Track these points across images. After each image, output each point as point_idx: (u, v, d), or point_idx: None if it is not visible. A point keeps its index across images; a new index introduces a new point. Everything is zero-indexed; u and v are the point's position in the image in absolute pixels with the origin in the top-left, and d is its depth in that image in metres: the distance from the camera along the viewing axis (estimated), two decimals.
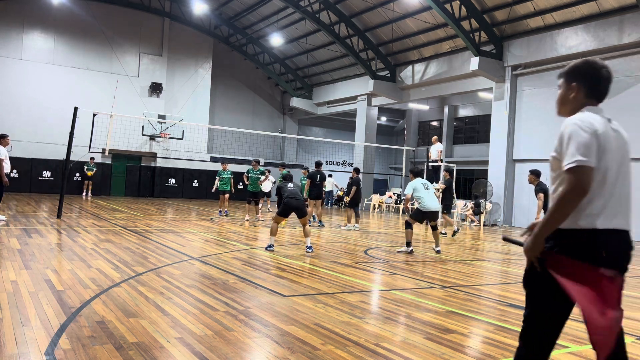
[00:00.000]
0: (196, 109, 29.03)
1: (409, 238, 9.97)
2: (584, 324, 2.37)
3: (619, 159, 2.51)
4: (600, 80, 2.58)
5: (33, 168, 24.77)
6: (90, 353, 3.56)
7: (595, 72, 2.58)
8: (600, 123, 2.48)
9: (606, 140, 2.45)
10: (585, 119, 2.46)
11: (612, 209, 2.47)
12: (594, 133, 2.40)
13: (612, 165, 2.47)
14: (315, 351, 3.87)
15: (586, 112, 2.53)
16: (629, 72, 17.00)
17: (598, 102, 2.61)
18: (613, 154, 2.48)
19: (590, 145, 2.38)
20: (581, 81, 2.59)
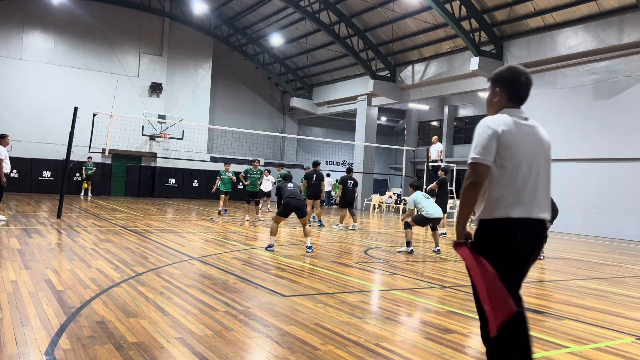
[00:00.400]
0: (196, 109, 29.03)
1: (408, 238, 9.98)
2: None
3: (531, 155, 2.82)
4: (520, 86, 2.94)
5: (33, 168, 24.77)
6: (90, 353, 3.56)
7: (515, 79, 2.94)
8: (511, 124, 2.81)
9: (514, 139, 2.78)
10: (494, 120, 2.83)
11: (525, 200, 2.78)
12: (494, 134, 2.76)
13: (523, 161, 2.79)
14: (315, 351, 3.87)
15: (501, 114, 2.89)
16: (629, 72, 17.00)
17: (519, 104, 2.96)
18: (524, 151, 2.80)
19: (488, 146, 2.76)
20: (503, 86, 2.95)
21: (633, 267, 10.13)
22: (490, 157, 2.76)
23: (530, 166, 2.82)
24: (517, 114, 2.91)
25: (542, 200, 2.86)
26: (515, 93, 2.95)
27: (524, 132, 2.85)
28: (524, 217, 2.78)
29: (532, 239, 2.83)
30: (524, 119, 2.92)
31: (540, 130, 2.95)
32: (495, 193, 2.81)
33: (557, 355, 4.07)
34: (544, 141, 2.94)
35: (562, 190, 18.39)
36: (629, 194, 16.91)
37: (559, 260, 10.36)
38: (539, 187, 2.85)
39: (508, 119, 2.85)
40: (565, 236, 17.06)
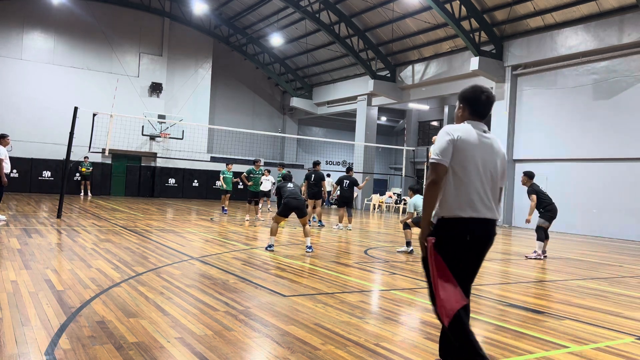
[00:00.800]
0: (196, 109, 29.03)
1: (408, 238, 9.99)
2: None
3: (484, 162, 3.21)
4: (480, 103, 3.33)
5: (33, 168, 24.77)
6: (90, 353, 3.56)
7: (477, 97, 3.33)
8: (468, 133, 3.21)
9: (468, 148, 3.16)
10: (453, 128, 3.23)
11: (477, 203, 3.14)
12: (451, 140, 3.15)
13: (475, 166, 3.17)
14: (315, 351, 3.87)
15: (462, 124, 3.31)
16: (629, 72, 17.00)
17: (481, 118, 3.35)
18: (477, 158, 3.18)
19: (446, 149, 3.14)
20: (466, 103, 3.37)
21: (633, 267, 10.13)
22: (448, 159, 3.14)
23: (482, 172, 3.19)
24: (478, 127, 3.31)
25: (491, 202, 3.23)
26: (476, 109, 3.35)
27: (480, 142, 3.23)
28: (474, 217, 3.14)
29: (481, 236, 3.19)
30: (483, 131, 3.31)
31: (496, 143, 3.36)
32: (449, 194, 3.16)
33: (557, 355, 4.07)
34: (498, 152, 3.33)
35: (562, 190, 18.41)
36: (629, 194, 16.91)
37: (559, 260, 10.36)
38: (488, 191, 3.21)
39: (467, 128, 3.25)
40: (565, 236, 17.07)
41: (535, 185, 10.50)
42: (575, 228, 18.27)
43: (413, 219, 10.08)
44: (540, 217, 10.47)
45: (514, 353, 4.08)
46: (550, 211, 10.42)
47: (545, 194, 10.55)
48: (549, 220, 10.44)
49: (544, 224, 10.40)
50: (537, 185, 10.56)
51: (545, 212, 10.41)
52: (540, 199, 10.39)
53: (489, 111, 3.38)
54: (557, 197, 14.41)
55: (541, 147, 19.57)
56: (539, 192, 10.45)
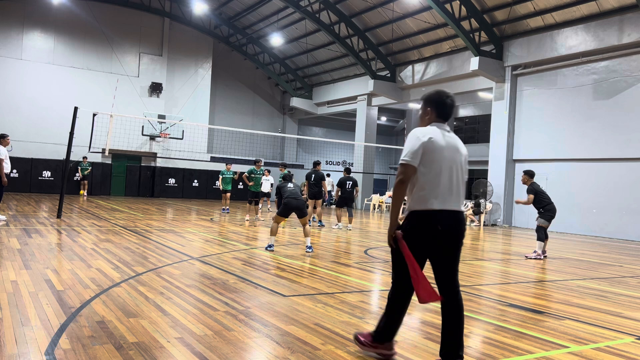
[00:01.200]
0: (196, 109, 29.02)
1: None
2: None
3: (450, 160, 3.53)
4: (445, 106, 3.66)
5: (33, 168, 24.77)
6: (90, 353, 3.56)
7: (442, 101, 3.66)
8: (436, 135, 3.52)
9: (436, 148, 3.48)
10: (422, 131, 3.54)
11: (445, 196, 3.48)
12: (421, 143, 3.46)
13: (443, 166, 3.50)
14: (315, 351, 3.87)
15: (429, 127, 3.61)
16: (629, 72, 17.01)
17: (445, 120, 3.68)
18: (444, 156, 3.50)
19: (415, 152, 3.45)
20: (432, 106, 3.68)
21: (633, 267, 10.13)
22: (417, 161, 3.46)
23: (448, 169, 3.53)
24: (442, 128, 3.63)
25: (458, 195, 3.57)
26: (442, 111, 3.67)
27: (446, 142, 3.55)
28: (443, 209, 3.47)
29: (451, 226, 3.51)
30: (447, 131, 3.64)
31: (459, 142, 3.68)
32: (420, 189, 3.49)
33: (557, 355, 4.07)
34: (461, 150, 3.66)
35: (562, 190, 18.41)
36: (629, 194, 16.92)
37: (559, 260, 10.36)
38: (454, 185, 3.55)
39: (435, 130, 3.57)
40: (565, 236, 17.07)
41: (535, 184, 10.50)
42: (575, 228, 18.27)
43: None
44: (540, 217, 10.46)
45: (514, 353, 4.08)
46: (550, 211, 10.42)
47: (545, 193, 10.55)
48: (548, 220, 10.43)
49: (543, 223, 10.40)
50: (537, 185, 10.55)
51: (544, 212, 10.40)
52: (540, 198, 10.39)
53: (452, 114, 3.75)
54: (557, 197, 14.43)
55: (541, 147, 19.57)
56: (539, 191, 10.45)
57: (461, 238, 3.58)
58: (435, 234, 3.46)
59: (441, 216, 3.47)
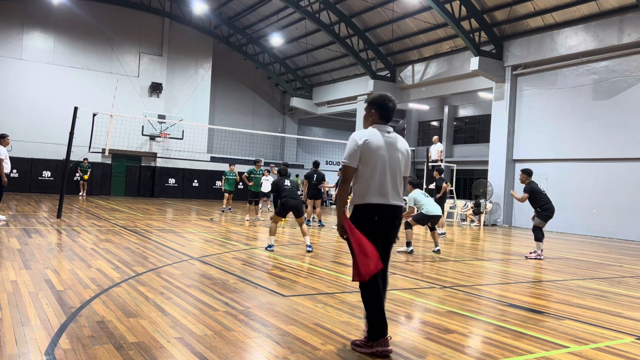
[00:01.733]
0: (196, 109, 29.02)
1: (409, 238, 9.99)
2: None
3: (389, 158, 3.90)
4: (387, 109, 4.02)
5: (33, 168, 24.77)
6: (90, 353, 3.56)
7: (385, 104, 4.02)
8: (374, 136, 3.88)
9: (372, 149, 3.84)
10: (360, 134, 3.91)
11: (382, 191, 3.86)
12: (358, 145, 3.83)
13: (380, 164, 3.85)
14: (315, 351, 3.87)
15: (370, 128, 3.98)
16: (629, 72, 17.01)
17: (387, 121, 4.04)
18: (382, 156, 3.86)
19: (353, 154, 3.85)
20: (376, 109, 4.03)
21: (633, 267, 10.13)
22: (355, 162, 3.86)
23: (386, 166, 3.88)
24: (383, 129, 3.99)
25: (396, 191, 3.94)
26: (384, 114, 4.03)
27: (385, 142, 3.91)
28: (380, 203, 3.86)
29: (387, 218, 3.91)
30: (387, 132, 3.99)
31: (399, 141, 4.05)
32: (360, 186, 3.89)
33: (557, 355, 4.07)
34: (401, 149, 4.02)
35: (562, 190, 18.41)
36: (629, 194, 16.92)
37: (559, 260, 10.36)
38: (391, 182, 3.91)
39: (373, 131, 3.93)
40: (565, 236, 17.07)
41: (533, 183, 10.45)
42: (575, 228, 18.27)
43: (413, 216, 10.08)
44: (537, 216, 10.43)
45: (514, 353, 4.08)
46: (547, 210, 10.37)
47: (543, 193, 10.50)
48: (544, 219, 10.37)
49: (540, 223, 10.35)
50: (535, 184, 10.50)
51: (542, 211, 10.36)
52: (537, 197, 10.33)
53: (393, 116, 4.08)
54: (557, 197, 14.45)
55: (541, 147, 19.56)
56: (536, 190, 10.38)
57: (396, 228, 4.03)
58: (373, 224, 3.88)
59: (378, 209, 3.87)
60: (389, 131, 4.01)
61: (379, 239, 3.92)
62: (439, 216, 10.18)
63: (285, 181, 9.60)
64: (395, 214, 3.95)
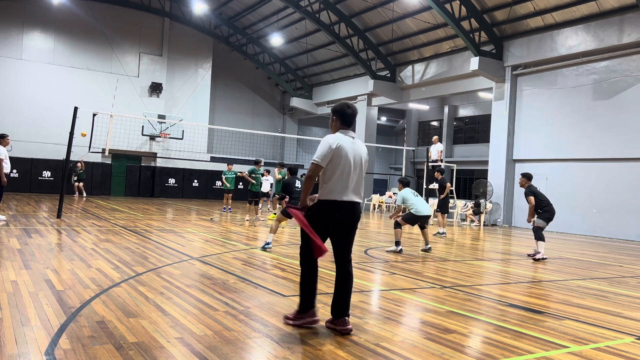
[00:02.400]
0: (196, 109, 29.02)
1: (398, 237, 10.01)
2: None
3: (352, 161, 4.38)
4: (346, 115, 4.50)
5: (33, 168, 24.76)
6: (90, 353, 3.56)
7: (344, 111, 4.50)
8: (342, 140, 4.37)
9: (342, 153, 4.32)
10: (333, 137, 4.37)
11: (344, 190, 4.35)
12: (330, 147, 4.30)
13: (346, 166, 4.35)
14: (315, 351, 3.87)
15: (338, 133, 4.46)
16: (629, 72, 17.01)
17: (348, 127, 4.52)
18: (346, 158, 4.35)
19: (325, 155, 4.29)
20: (337, 116, 4.53)
21: (633, 267, 10.13)
22: (325, 162, 4.30)
23: (352, 168, 4.38)
24: (347, 134, 4.48)
25: (357, 189, 4.44)
26: (344, 120, 4.51)
27: (349, 146, 4.39)
28: (341, 200, 4.34)
29: (347, 213, 4.39)
30: (351, 137, 4.48)
31: (360, 146, 4.52)
32: (326, 184, 4.35)
33: (557, 355, 4.07)
34: (361, 152, 4.51)
35: (562, 190, 18.42)
36: (629, 194, 16.92)
37: (559, 260, 10.36)
38: (353, 182, 4.41)
39: (342, 137, 4.41)
40: (565, 236, 17.07)
41: (532, 186, 10.47)
42: (575, 228, 18.27)
43: (403, 216, 10.08)
44: (538, 217, 10.44)
45: (514, 353, 4.08)
46: (548, 212, 10.38)
47: (542, 195, 10.52)
48: (546, 221, 10.38)
49: (541, 224, 10.35)
50: (535, 187, 10.53)
51: (543, 212, 10.37)
52: (538, 200, 10.35)
53: (354, 121, 4.55)
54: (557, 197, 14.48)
55: (541, 147, 19.57)
56: (536, 193, 10.41)
57: (355, 223, 4.48)
58: (334, 218, 4.36)
59: (340, 205, 4.34)
60: (353, 137, 4.50)
61: (339, 232, 4.43)
62: (428, 216, 10.15)
63: (296, 182, 9.60)
64: (354, 209, 4.43)
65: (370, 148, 27.62)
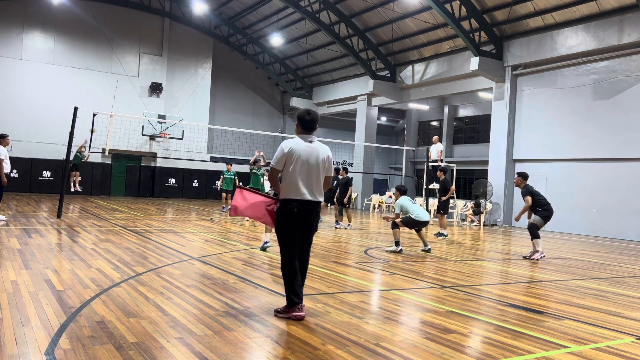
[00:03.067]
0: (196, 109, 29.02)
1: (397, 237, 10.03)
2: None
3: (308, 163, 4.77)
4: (305, 121, 4.90)
5: (33, 168, 24.76)
6: (90, 353, 3.56)
7: (303, 117, 4.91)
8: (295, 144, 4.78)
9: (294, 156, 4.73)
10: (287, 142, 4.80)
11: (300, 189, 4.75)
12: (283, 152, 4.75)
13: (302, 167, 4.74)
14: (315, 351, 3.87)
15: (295, 138, 4.89)
16: (629, 72, 17.01)
17: (308, 131, 4.90)
18: (303, 160, 4.75)
19: (280, 159, 4.77)
20: (299, 121, 4.95)
21: (633, 267, 10.13)
22: (280, 166, 4.79)
23: (306, 169, 4.75)
24: (305, 138, 4.87)
25: (314, 189, 4.81)
26: (304, 125, 4.90)
27: (303, 149, 4.78)
28: (299, 198, 4.74)
29: (304, 211, 4.77)
30: (309, 141, 4.86)
31: (319, 149, 4.88)
32: (285, 184, 4.78)
33: (557, 355, 4.07)
34: (319, 154, 4.85)
35: (562, 190, 18.43)
36: (629, 194, 16.92)
37: (559, 260, 10.36)
38: (308, 182, 4.77)
39: (297, 141, 4.83)
40: (565, 236, 17.07)
41: (529, 186, 10.40)
42: (575, 228, 18.27)
43: (402, 219, 10.08)
44: (536, 214, 10.33)
45: (514, 353, 4.08)
46: (548, 211, 10.31)
47: (540, 194, 10.45)
48: (544, 219, 10.26)
49: (538, 222, 10.24)
50: (531, 186, 10.44)
51: (542, 211, 10.30)
52: (536, 199, 10.28)
53: (314, 126, 4.91)
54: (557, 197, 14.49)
55: (541, 147, 19.57)
56: (534, 192, 10.34)
57: (312, 219, 4.85)
58: (293, 214, 4.75)
59: (297, 203, 4.73)
60: (311, 140, 4.87)
61: (298, 227, 4.81)
62: (427, 222, 10.15)
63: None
64: (311, 207, 4.80)
65: (370, 148, 27.71)
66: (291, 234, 4.79)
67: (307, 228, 4.88)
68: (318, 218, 4.94)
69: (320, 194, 4.89)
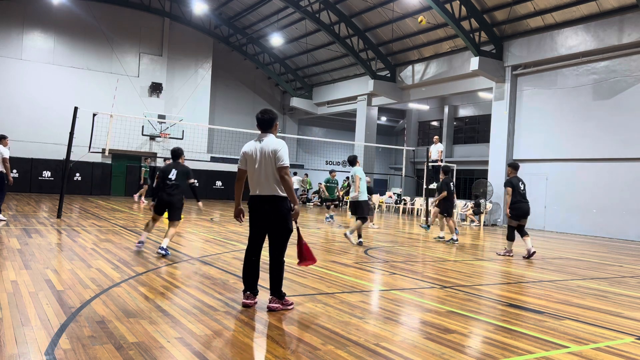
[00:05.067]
0: (196, 109, 29.01)
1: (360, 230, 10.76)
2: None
3: (257, 161, 5.04)
4: (258, 120, 5.21)
5: (33, 168, 24.75)
6: (90, 353, 3.56)
7: (257, 117, 5.24)
8: (248, 145, 5.16)
9: (248, 155, 5.10)
10: (246, 145, 5.17)
11: (256, 186, 5.04)
12: (243, 153, 5.15)
13: (252, 165, 5.07)
14: (315, 351, 3.87)
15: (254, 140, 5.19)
16: (629, 72, 17.00)
17: (263, 130, 5.20)
18: (253, 159, 5.06)
19: (241, 159, 5.17)
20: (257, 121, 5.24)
21: (633, 267, 10.13)
22: (243, 166, 5.17)
23: (257, 166, 5.03)
24: (258, 137, 5.18)
25: (266, 185, 5.00)
26: (258, 124, 5.23)
27: (253, 148, 5.11)
28: (252, 194, 5.07)
29: (255, 205, 5.05)
30: (260, 140, 5.13)
31: (266, 143, 5.07)
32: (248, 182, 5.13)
33: (557, 355, 4.07)
34: (268, 151, 5.02)
35: (562, 190, 18.43)
36: (629, 194, 16.91)
37: (559, 260, 10.36)
38: (261, 177, 5.01)
39: (251, 142, 5.18)
40: (565, 236, 17.06)
41: (515, 178, 10.21)
42: (575, 228, 18.27)
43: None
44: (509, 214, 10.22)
45: (514, 353, 4.08)
46: (517, 209, 10.03)
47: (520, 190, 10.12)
48: (515, 218, 10.10)
49: (509, 222, 10.23)
50: (517, 179, 10.23)
51: (511, 209, 10.08)
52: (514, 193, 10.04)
53: (266, 126, 5.17)
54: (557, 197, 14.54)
55: (541, 147, 19.56)
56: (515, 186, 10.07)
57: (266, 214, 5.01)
58: (253, 211, 5.08)
59: (254, 199, 5.06)
60: (262, 139, 5.13)
61: (254, 222, 5.10)
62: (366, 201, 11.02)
63: (172, 172, 8.99)
64: (262, 201, 5.02)
65: (370, 148, 27.71)
66: (251, 228, 5.14)
67: (266, 224, 5.04)
68: (278, 214, 4.99)
69: (272, 189, 4.98)
